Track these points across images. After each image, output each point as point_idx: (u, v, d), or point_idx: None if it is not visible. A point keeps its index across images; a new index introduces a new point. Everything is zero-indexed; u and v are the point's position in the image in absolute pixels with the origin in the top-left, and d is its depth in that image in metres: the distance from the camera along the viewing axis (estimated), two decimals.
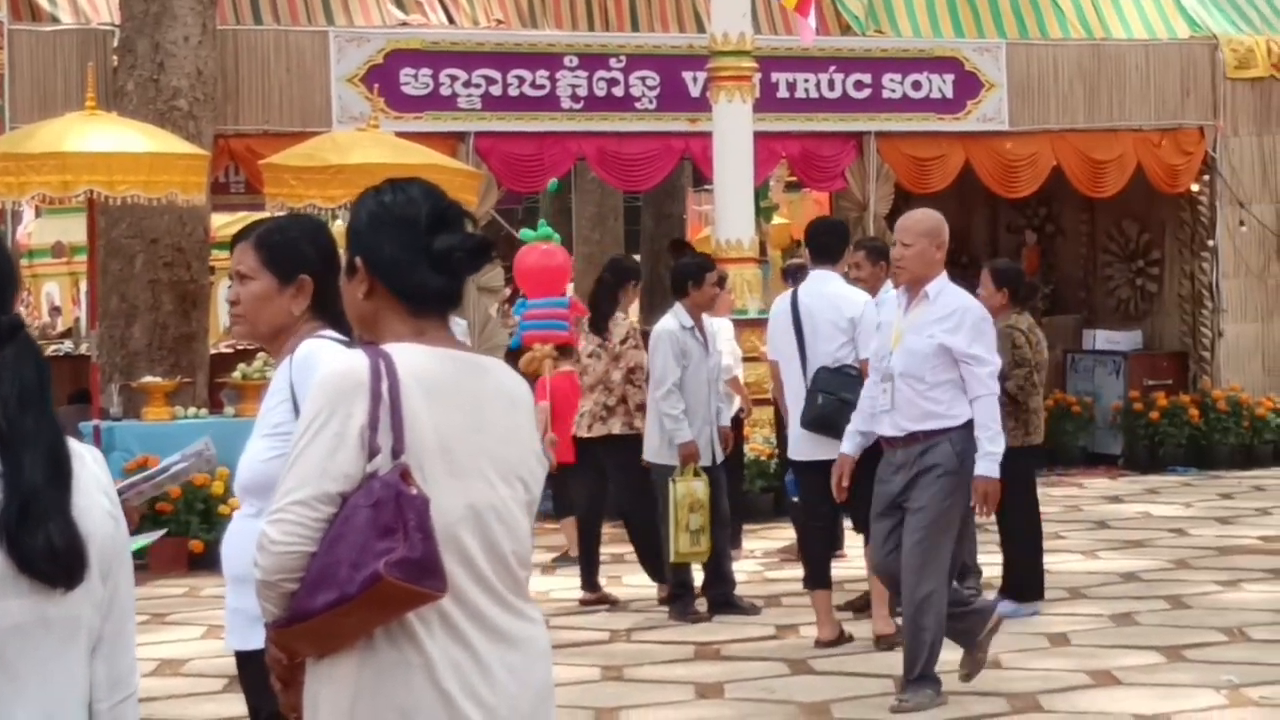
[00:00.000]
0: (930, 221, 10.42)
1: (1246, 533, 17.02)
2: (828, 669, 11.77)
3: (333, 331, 5.56)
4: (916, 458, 9.89)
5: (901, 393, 9.92)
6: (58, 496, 3.75)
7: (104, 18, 19.22)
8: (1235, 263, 22.68)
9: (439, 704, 4.37)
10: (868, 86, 21.33)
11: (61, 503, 3.75)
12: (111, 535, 3.86)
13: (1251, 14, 23.97)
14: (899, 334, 9.95)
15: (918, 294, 10.04)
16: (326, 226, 5.90)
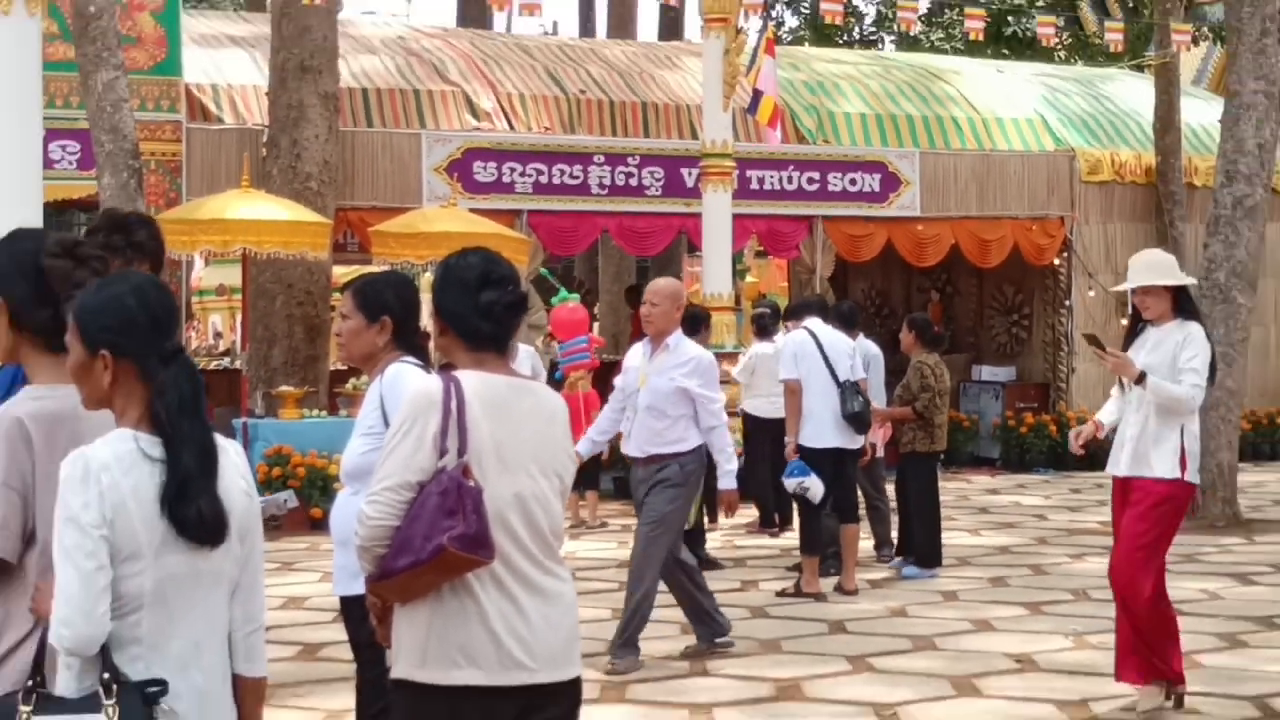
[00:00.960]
0: (672, 288, 10.35)
1: (1089, 518, 16.94)
2: (780, 615, 11.71)
3: (412, 358, 5.61)
4: (654, 474, 9.86)
5: (644, 423, 9.89)
6: (206, 481, 3.79)
7: (256, 120, 19.23)
8: (1085, 318, 22.58)
9: (489, 642, 4.40)
10: (816, 182, 21.29)
11: (209, 485, 3.78)
12: (246, 509, 3.90)
13: (1099, 133, 23.97)
14: (644, 377, 9.92)
15: (660, 345, 9.95)
16: (411, 280, 5.92)
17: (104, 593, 3.66)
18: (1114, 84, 26.03)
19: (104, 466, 3.68)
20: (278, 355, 18.15)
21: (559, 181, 19.95)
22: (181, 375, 3.86)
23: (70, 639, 3.65)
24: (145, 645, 3.76)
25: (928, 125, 23.39)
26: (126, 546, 3.68)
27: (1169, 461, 8.40)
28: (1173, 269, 8.85)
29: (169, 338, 3.89)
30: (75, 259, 4.20)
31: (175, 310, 3.98)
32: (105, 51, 14.67)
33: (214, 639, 3.89)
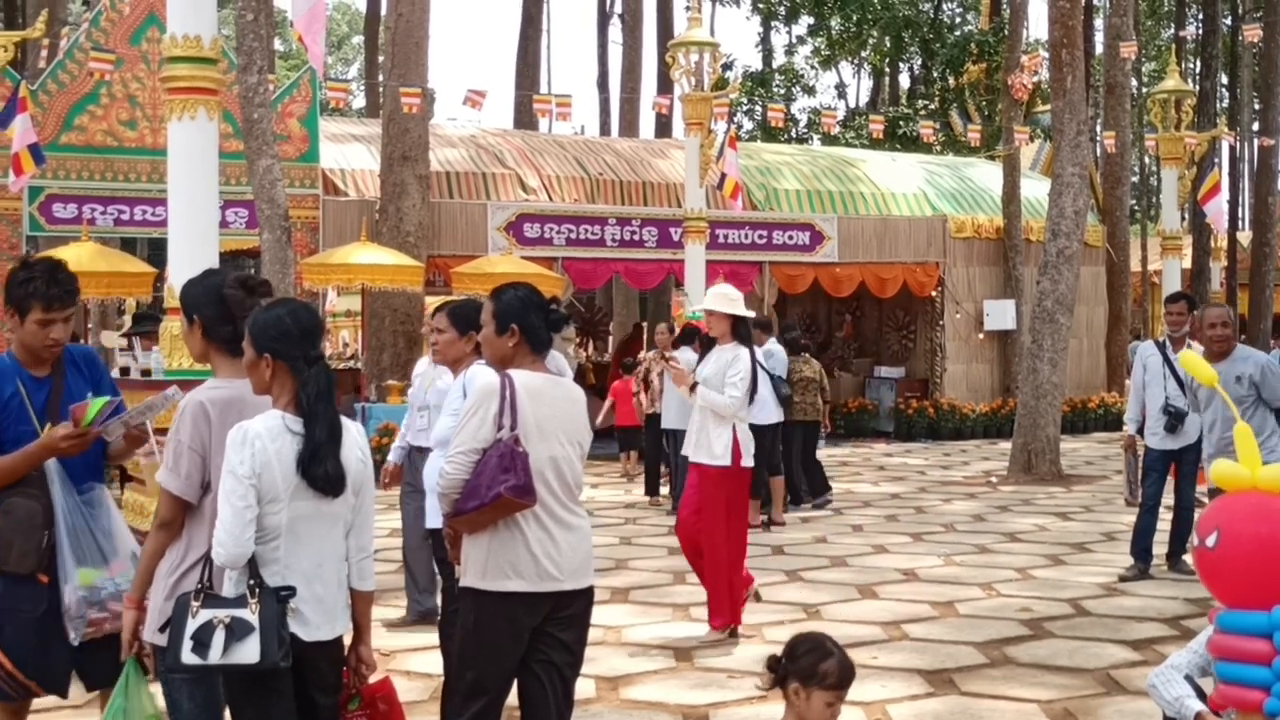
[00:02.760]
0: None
1: (956, 474, 16.95)
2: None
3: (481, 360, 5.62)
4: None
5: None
6: (333, 448, 3.81)
7: (371, 193, 19.21)
8: (953, 333, 22.59)
9: (531, 561, 4.42)
10: (764, 237, 21.25)
11: (335, 452, 3.82)
12: (360, 472, 3.92)
13: (964, 203, 23.94)
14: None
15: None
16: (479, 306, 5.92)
17: (249, 525, 3.76)
18: (974, 169, 26.00)
19: (257, 435, 3.79)
20: (386, 359, 18.16)
21: (584, 237, 19.92)
22: (320, 374, 3.91)
23: (224, 556, 3.79)
24: (282, 564, 3.84)
25: (843, 198, 23.37)
26: (269, 492, 3.78)
27: (723, 451, 7.83)
28: (736, 302, 8.16)
29: (314, 347, 3.94)
30: (247, 290, 4.26)
31: (319, 327, 4.03)
32: (265, 146, 14.71)
33: (332, 562, 3.94)
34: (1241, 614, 3.84)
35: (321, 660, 3.95)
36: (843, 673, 3.77)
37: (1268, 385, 8.21)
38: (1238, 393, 8.08)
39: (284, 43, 52.28)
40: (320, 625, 3.90)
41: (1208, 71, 29.99)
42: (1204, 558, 3.90)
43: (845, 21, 38.25)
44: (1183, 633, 7.78)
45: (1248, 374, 8.21)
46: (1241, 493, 3.92)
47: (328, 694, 4.01)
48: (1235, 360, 8.31)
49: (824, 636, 3.91)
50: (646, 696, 6.65)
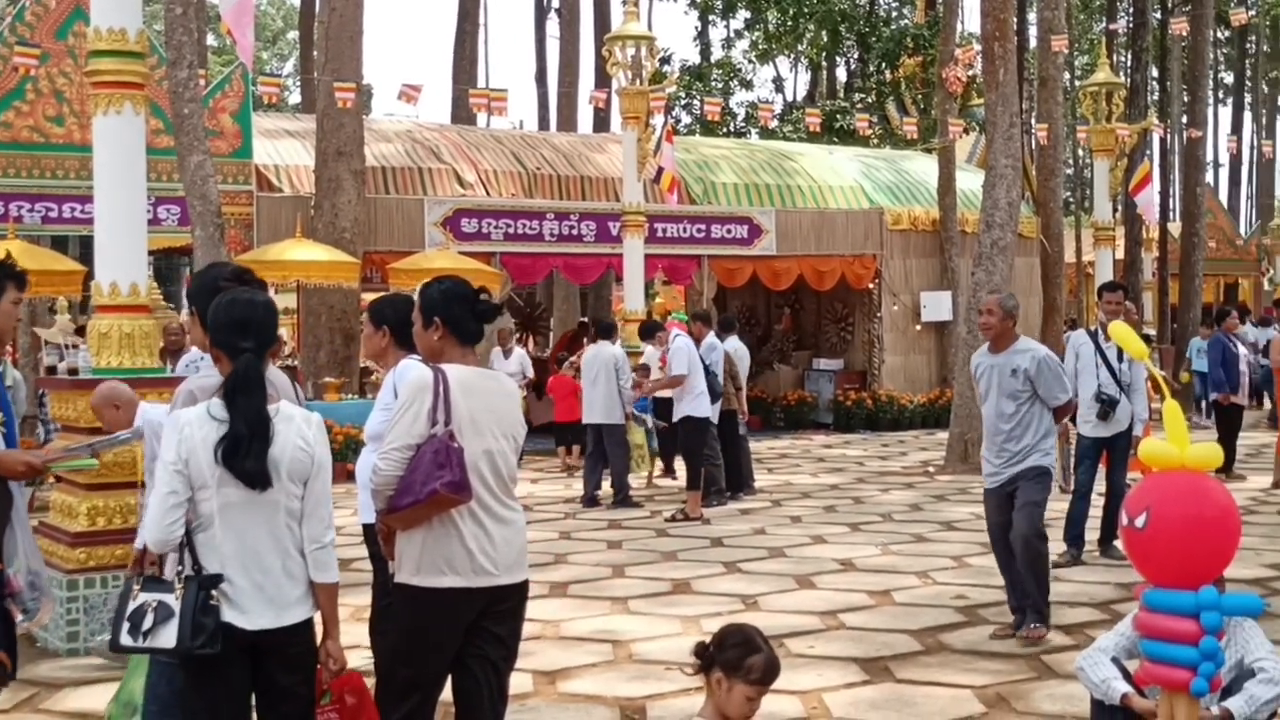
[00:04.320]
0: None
1: (893, 465, 17.07)
2: (677, 534, 11.74)
3: (416, 356, 5.55)
4: None
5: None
6: (256, 442, 3.81)
7: (306, 189, 19.08)
8: (890, 325, 22.74)
9: (465, 556, 4.41)
10: (703, 231, 21.27)
11: (258, 445, 3.81)
12: (303, 461, 3.92)
13: (901, 196, 24.11)
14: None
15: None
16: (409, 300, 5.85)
17: (172, 510, 3.82)
18: (910, 162, 26.18)
19: (187, 422, 3.85)
20: (323, 356, 18.04)
21: (522, 232, 19.85)
22: (244, 366, 3.90)
23: (149, 539, 3.89)
24: (217, 551, 3.85)
25: (781, 191, 23.49)
26: (198, 479, 3.82)
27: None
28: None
29: (244, 338, 3.93)
30: (241, 282, 4.39)
31: (254, 319, 4.00)
32: (196, 141, 14.58)
33: (273, 551, 3.92)
34: (1169, 593, 3.88)
35: (282, 646, 3.93)
36: (767, 669, 3.79)
37: (1043, 381, 7.62)
38: (1013, 386, 7.63)
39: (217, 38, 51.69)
40: (263, 613, 3.88)
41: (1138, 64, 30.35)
42: (1133, 538, 3.95)
43: (782, 15, 38.37)
44: (1113, 617, 7.89)
45: (1023, 368, 7.64)
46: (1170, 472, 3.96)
47: (296, 675, 4.00)
48: (1014, 352, 7.75)
49: (755, 631, 3.92)
50: (584, 689, 6.67)
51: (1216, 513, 3.84)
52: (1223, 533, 3.88)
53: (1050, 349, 8.24)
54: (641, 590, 9.16)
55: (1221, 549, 3.92)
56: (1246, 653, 4.40)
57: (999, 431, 7.70)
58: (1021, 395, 7.62)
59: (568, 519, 12.77)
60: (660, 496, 14.23)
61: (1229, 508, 3.89)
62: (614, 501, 13.47)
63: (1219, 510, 3.85)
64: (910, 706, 6.29)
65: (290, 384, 4.85)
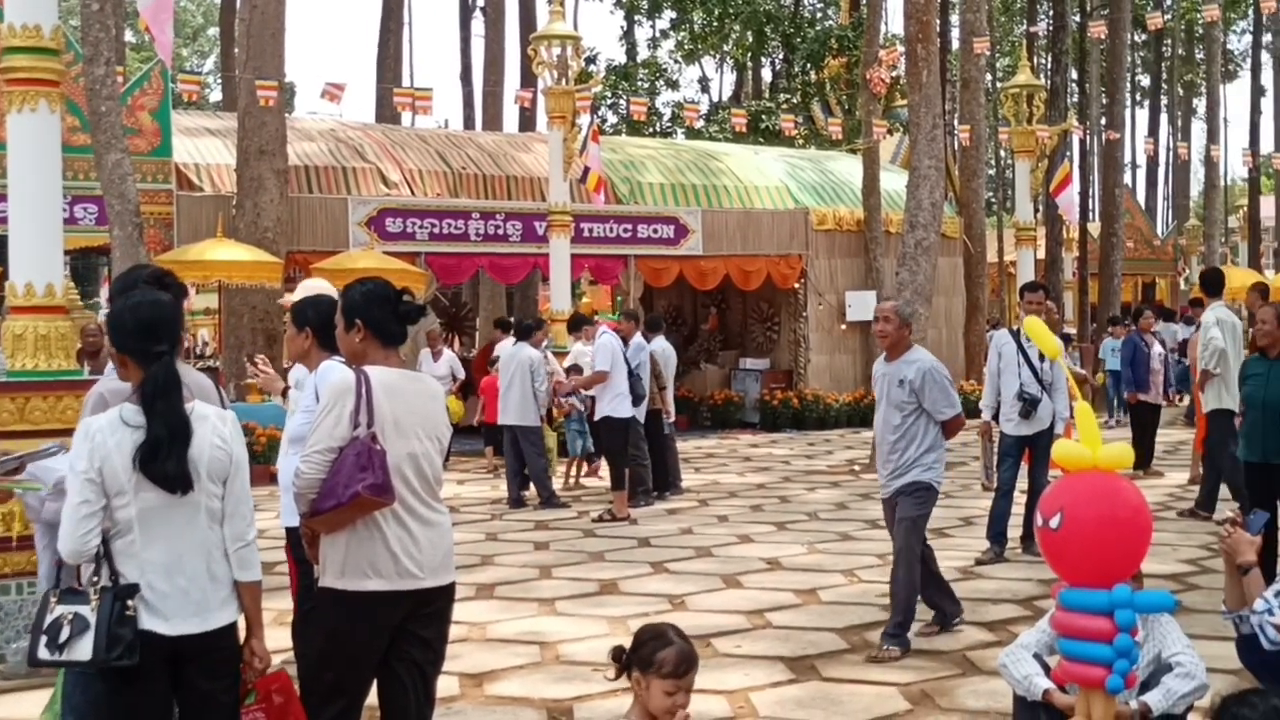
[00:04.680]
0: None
1: (820, 464, 17.18)
2: (604, 534, 11.73)
3: (339, 358, 5.48)
4: None
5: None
6: (175, 445, 3.75)
7: (228, 188, 18.87)
8: (816, 325, 22.90)
9: (390, 559, 4.38)
10: (629, 231, 21.32)
11: (177, 449, 3.74)
12: (221, 460, 3.85)
13: (826, 196, 24.27)
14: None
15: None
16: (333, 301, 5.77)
17: (87, 520, 3.74)
18: (835, 162, 26.37)
19: (98, 429, 3.77)
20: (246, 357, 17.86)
21: (447, 232, 19.75)
22: (159, 370, 3.82)
23: (65, 550, 3.79)
24: (138, 559, 3.78)
25: (707, 191, 23.56)
26: (113, 486, 3.74)
27: None
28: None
29: (154, 342, 3.86)
30: (162, 286, 4.35)
31: (162, 321, 3.92)
32: (114, 139, 14.35)
33: (196, 554, 3.85)
34: (1083, 592, 3.95)
35: (205, 651, 3.87)
36: (679, 661, 3.76)
37: (928, 394, 7.32)
38: (899, 397, 7.36)
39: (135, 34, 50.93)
40: (187, 619, 3.81)
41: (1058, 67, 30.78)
42: (1047, 538, 4.01)
43: (708, 16, 38.50)
44: (1035, 613, 7.98)
45: (909, 379, 7.34)
46: (1083, 473, 4.03)
47: (220, 681, 3.93)
48: (903, 362, 7.44)
49: (668, 627, 3.92)
50: (510, 692, 6.64)
51: (1128, 512, 3.91)
52: (1134, 532, 3.95)
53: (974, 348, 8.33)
54: (569, 591, 9.14)
55: (1133, 548, 3.99)
56: (1164, 647, 4.47)
57: (885, 442, 7.50)
58: (907, 407, 7.36)
59: (494, 520, 12.72)
60: (587, 497, 14.22)
61: (1140, 507, 3.95)
62: (540, 503, 13.44)
63: (1130, 510, 3.92)
64: (836, 705, 6.33)
65: (213, 387, 4.79)
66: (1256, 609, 4.94)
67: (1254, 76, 44.24)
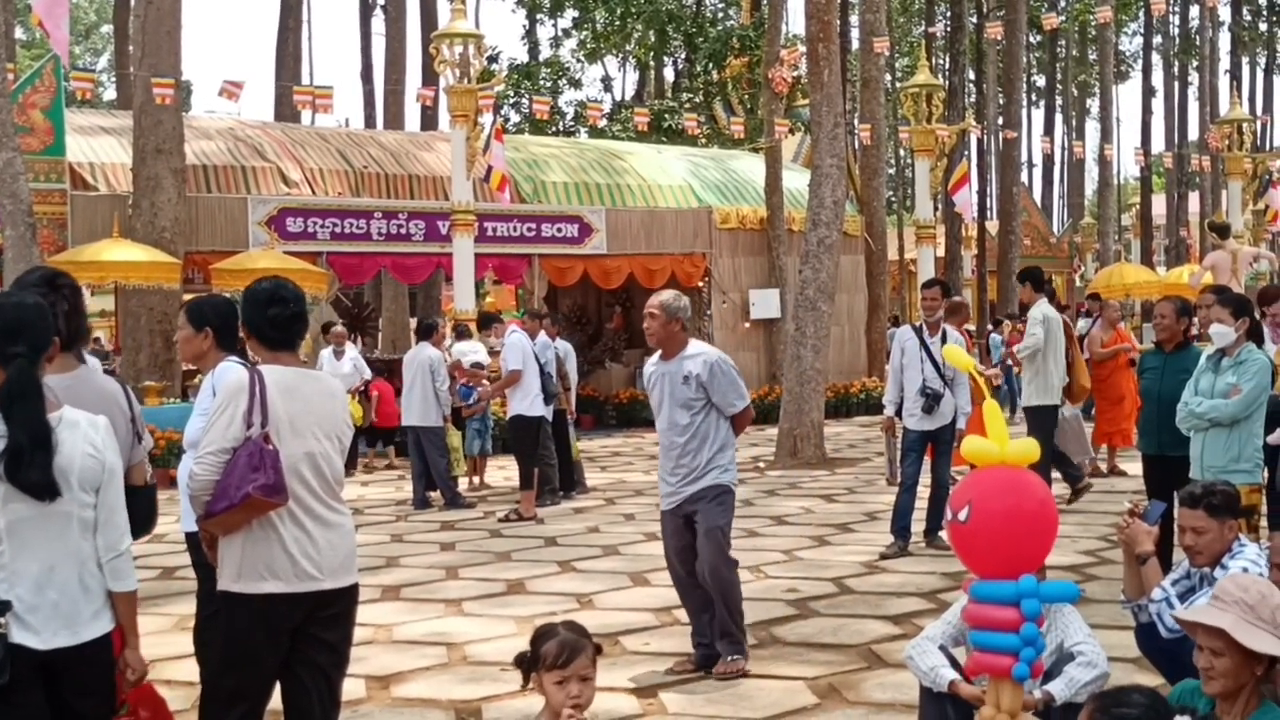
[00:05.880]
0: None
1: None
2: (511, 534, 11.67)
3: (236, 358, 5.37)
4: None
5: None
6: (37, 453, 3.61)
7: (124, 188, 18.49)
8: (720, 322, 22.99)
9: (288, 561, 4.32)
10: (533, 230, 21.26)
11: (40, 456, 3.62)
12: (93, 468, 3.72)
13: (729, 195, 24.39)
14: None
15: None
16: (228, 300, 5.66)
17: None
18: (738, 161, 26.50)
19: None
20: (143, 359, 17.53)
21: (349, 231, 19.56)
22: (17, 374, 3.69)
23: None
24: (7, 570, 3.65)
25: (611, 190, 23.56)
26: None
27: None
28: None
29: (15, 343, 3.72)
30: (53, 288, 4.33)
31: (23, 324, 3.77)
32: (4, 138, 14.06)
33: (68, 565, 3.72)
34: (992, 584, 4.02)
35: (77, 665, 3.73)
36: (560, 650, 3.73)
37: (717, 386, 6.83)
38: (686, 395, 6.86)
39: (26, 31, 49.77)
40: (58, 631, 3.67)
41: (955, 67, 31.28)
42: (957, 531, 4.07)
43: (609, 15, 38.53)
44: (939, 606, 8.06)
45: (695, 373, 6.85)
46: (991, 468, 4.10)
47: (91, 699, 3.79)
48: (684, 358, 6.94)
49: (560, 624, 3.88)
50: (418, 693, 6.57)
51: (1034, 505, 4.00)
52: (1041, 524, 4.03)
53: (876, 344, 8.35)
54: (475, 591, 9.07)
55: (1040, 540, 4.07)
56: (1066, 637, 4.54)
57: (673, 445, 6.94)
58: (695, 404, 6.85)
59: (399, 521, 12.60)
60: (493, 497, 14.14)
61: (1046, 500, 4.04)
62: (445, 503, 13.34)
63: (1037, 503, 4.00)
64: (745, 700, 6.34)
65: (119, 390, 4.65)
66: (1154, 598, 5.04)
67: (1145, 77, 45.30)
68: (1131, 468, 12.75)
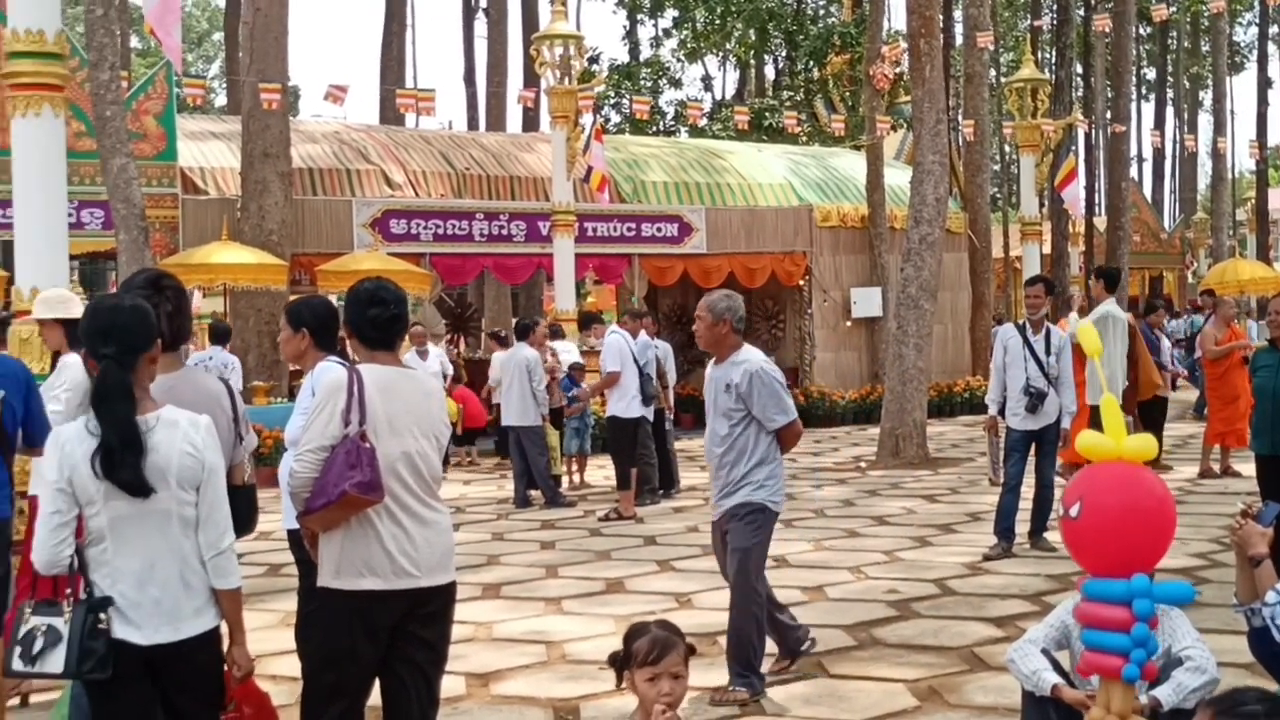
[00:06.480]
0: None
1: (826, 460, 17.12)
2: (610, 533, 11.70)
3: (335, 358, 5.45)
4: None
5: None
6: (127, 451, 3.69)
7: (233, 192, 18.84)
8: (821, 322, 22.86)
9: (385, 557, 4.36)
10: (633, 230, 21.30)
11: (128, 455, 3.68)
12: (191, 467, 3.79)
13: (829, 193, 24.19)
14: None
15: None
16: (326, 300, 5.76)
17: (58, 530, 3.72)
18: (838, 158, 26.31)
19: (67, 439, 3.75)
20: (251, 360, 17.83)
21: (451, 233, 19.75)
22: (104, 374, 3.79)
23: (38, 562, 3.74)
24: (110, 566, 3.74)
25: (710, 189, 23.51)
26: (84, 495, 3.71)
27: None
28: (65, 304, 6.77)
29: (104, 344, 3.80)
30: (156, 289, 4.43)
31: (114, 327, 3.84)
32: (119, 144, 14.37)
33: (169, 562, 3.79)
34: (1104, 582, 3.92)
35: (177, 662, 3.80)
36: (651, 647, 3.70)
37: (756, 398, 6.36)
38: (726, 404, 6.43)
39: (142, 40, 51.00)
40: (159, 627, 3.75)
41: (1062, 60, 30.72)
42: (1069, 527, 3.97)
43: (710, 14, 38.47)
44: (1044, 608, 7.92)
45: (735, 383, 6.40)
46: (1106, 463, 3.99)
47: (190, 695, 3.87)
48: (730, 364, 6.49)
49: (653, 622, 3.87)
50: (516, 691, 6.60)
51: (1152, 502, 3.89)
52: (1157, 521, 3.92)
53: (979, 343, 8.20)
54: (575, 590, 9.10)
55: (1155, 539, 3.95)
56: (1174, 641, 4.44)
57: (712, 456, 6.55)
58: (735, 415, 6.41)
59: (500, 520, 12.69)
60: (593, 496, 14.18)
61: (1164, 498, 3.92)
62: (545, 502, 13.41)
63: (1154, 500, 3.89)
64: (844, 701, 6.28)
65: (223, 391, 4.73)
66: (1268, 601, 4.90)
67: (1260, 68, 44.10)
68: (1245, 468, 12.42)
